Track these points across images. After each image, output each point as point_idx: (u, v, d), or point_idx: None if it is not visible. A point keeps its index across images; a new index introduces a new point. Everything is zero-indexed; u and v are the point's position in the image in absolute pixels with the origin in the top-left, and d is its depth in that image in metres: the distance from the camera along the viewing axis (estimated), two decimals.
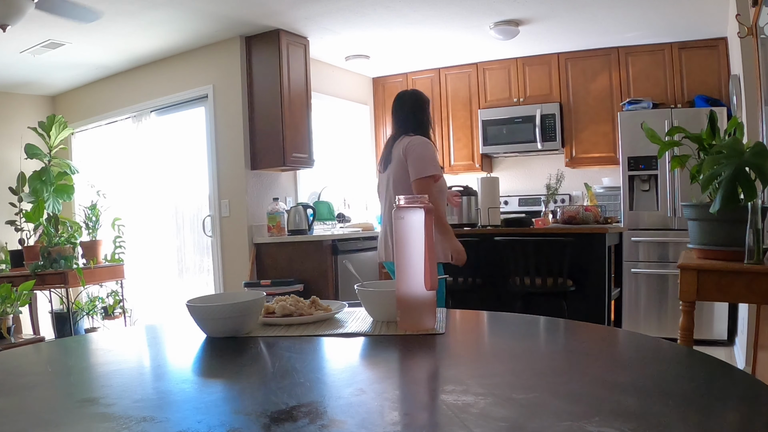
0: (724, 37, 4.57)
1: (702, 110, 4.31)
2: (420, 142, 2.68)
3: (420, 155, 2.64)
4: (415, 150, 2.65)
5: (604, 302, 3.48)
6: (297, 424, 0.63)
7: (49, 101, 5.86)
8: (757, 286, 1.87)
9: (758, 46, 2.82)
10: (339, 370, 0.95)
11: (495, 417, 0.65)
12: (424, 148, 2.67)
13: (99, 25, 3.99)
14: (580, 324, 1.25)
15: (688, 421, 0.62)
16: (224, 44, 4.57)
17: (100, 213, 4.77)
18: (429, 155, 2.65)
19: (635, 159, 4.56)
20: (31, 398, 0.78)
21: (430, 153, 2.67)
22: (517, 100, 5.35)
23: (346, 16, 4.19)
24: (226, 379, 0.85)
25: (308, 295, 1.40)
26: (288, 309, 1.23)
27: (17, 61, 4.66)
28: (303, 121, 4.56)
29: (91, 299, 5.13)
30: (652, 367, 0.89)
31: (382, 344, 1.05)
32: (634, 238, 4.55)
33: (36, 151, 4.85)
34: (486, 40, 4.76)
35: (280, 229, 4.36)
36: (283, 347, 1.04)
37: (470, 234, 3.72)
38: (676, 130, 2.16)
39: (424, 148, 2.67)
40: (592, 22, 4.44)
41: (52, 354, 1.16)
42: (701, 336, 4.12)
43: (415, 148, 2.66)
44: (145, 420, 0.70)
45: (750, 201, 1.81)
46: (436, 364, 0.98)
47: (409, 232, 1.11)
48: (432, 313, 1.13)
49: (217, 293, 2.75)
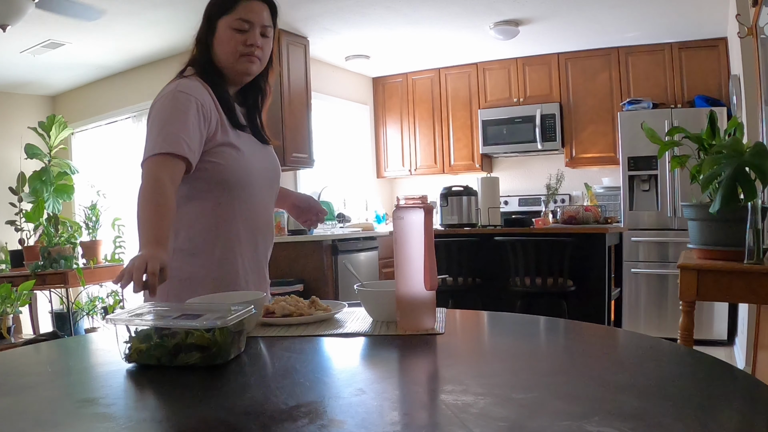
0: (724, 37, 4.57)
1: (702, 110, 4.31)
2: (163, 94, 1.41)
3: (152, 121, 1.38)
4: (152, 109, 1.40)
5: (604, 302, 3.48)
6: (297, 424, 0.63)
7: (49, 101, 5.86)
8: (757, 286, 1.87)
9: (758, 46, 2.82)
10: (339, 370, 0.95)
11: (495, 417, 0.65)
12: (161, 104, 1.38)
13: (99, 25, 3.99)
14: (580, 324, 1.25)
15: (688, 421, 0.62)
16: None
17: (100, 213, 4.77)
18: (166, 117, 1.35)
19: (635, 159, 4.56)
20: (31, 398, 0.78)
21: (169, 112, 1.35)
22: (517, 100, 5.35)
23: (346, 16, 4.19)
24: (225, 379, 0.85)
25: (308, 295, 1.40)
26: (288, 309, 1.23)
27: (17, 61, 4.66)
28: (303, 121, 4.56)
29: (91, 299, 5.13)
30: (652, 367, 0.89)
31: (382, 344, 1.05)
32: (634, 238, 4.55)
33: (36, 151, 4.84)
34: (486, 40, 4.76)
35: (280, 229, 4.35)
36: (283, 347, 1.04)
37: (470, 234, 3.73)
38: (676, 130, 2.16)
39: (161, 104, 1.38)
40: (592, 22, 4.44)
41: (52, 354, 1.16)
42: (701, 336, 4.12)
43: (153, 107, 1.40)
44: (145, 420, 0.70)
45: (750, 201, 1.81)
46: (436, 364, 0.98)
47: (409, 232, 1.11)
48: (432, 313, 1.13)
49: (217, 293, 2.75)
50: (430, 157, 5.79)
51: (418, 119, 5.83)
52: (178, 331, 0.90)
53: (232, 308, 0.96)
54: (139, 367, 0.91)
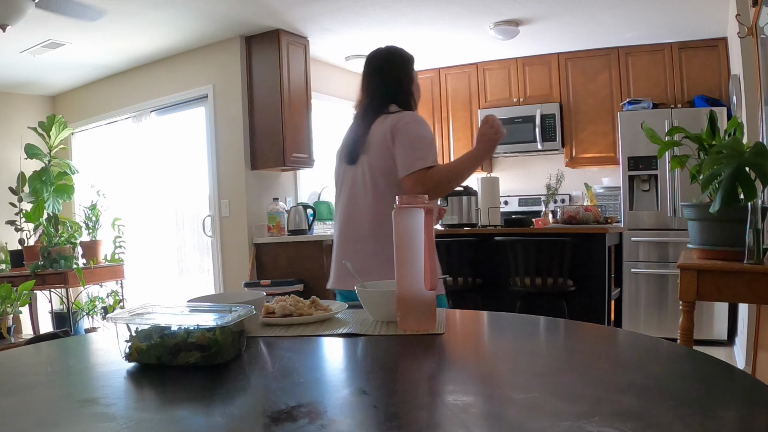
0: (724, 37, 4.57)
1: (702, 110, 4.31)
2: (413, 119, 1.89)
3: (412, 139, 1.84)
4: (408, 131, 1.85)
5: (604, 302, 3.48)
6: (297, 424, 0.63)
7: (49, 101, 5.86)
8: (757, 286, 1.87)
9: (758, 46, 2.82)
10: (339, 370, 0.95)
11: (495, 417, 0.65)
12: (419, 129, 1.87)
13: (99, 25, 3.99)
14: (580, 324, 1.25)
15: (688, 421, 0.62)
16: (224, 44, 4.57)
17: (100, 213, 4.77)
18: (426, 138, 1.87)
19: (635, 159, 4.56)
20: (31, 398, 0.78)
21: (426, 134, 1.88)
22: (517, 100, 5.35)
23: (346, 16, 4.19)
24: (225, 379, 0.85)
25: (308, 295, 1.40)
26: (288, 309, 1.23)
27: (17, 61, 4.66)
28: (303, 121, 4.56)
29: (91, 299, 5.13)
30: (652, 367, 0.89)
31: (382, 344, 1.05)
32: (634, 238, 4.55)
33: (36, 151, 4.85)
34: (486, 40, 4.76)
35: (280, 229, 4.36)
36: (283, 347, 1.04)
37: (470, 234, 3.72)
38: (676, 130, 2.16)
39: (419, 129, 1.87)
40: (592, 22, 4.44)
41: (52, 354, 1.16)
42: (701, 336, 4.12)
43: (407, 129, 1.85)
44: (145, 420, 0.70)
45: (750, 201, 1.81)
46: (436, 364, 0.98)
47: (409, 232, 1.11)
48: (432, 313, 1.13)
49: (217, 293, 2.74)
50: None
51: None
52: (179, 330, 0.90)
53: (232, 308, 0.96)
54: (139, 367, 0.91)
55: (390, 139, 1.86)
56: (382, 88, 1.98)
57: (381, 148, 1.88)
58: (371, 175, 1.90)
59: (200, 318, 0.94)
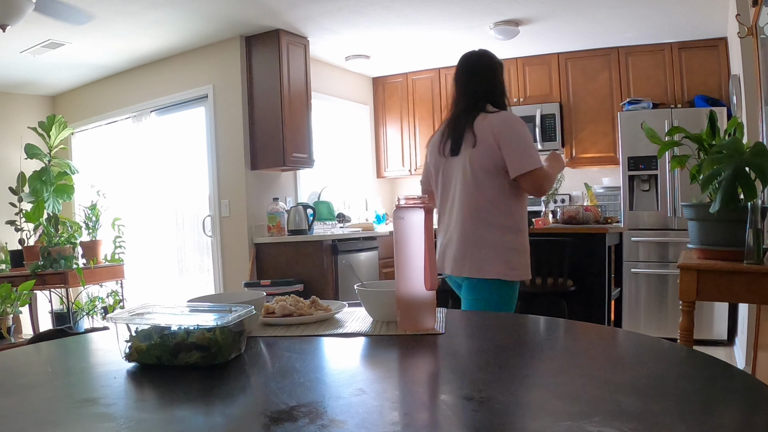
0: (724, 37, 4.57)
1: (702, 110, 4.31)
2: (514, 121, 2.08)
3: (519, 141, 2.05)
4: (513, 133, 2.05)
5: (604, 302, 3.48)
6: (297, 424, 0.63)
7: (49, 101, 5.86)
8: (757, 286, 1.87)
9: (758, 46, 2.82)
10: (339, 370, 0.95)
11: (495, 417, 0.65)
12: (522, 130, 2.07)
13: (99, 25, 3.99)
14: (580, 324, 1.25)
15: (688, 421, 0.62)
16: (224, 44, 4.57)
17: (100, 213, 4.77)
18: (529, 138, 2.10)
19: (635, 159, 4.56)
20: (31, 398, 0.78)
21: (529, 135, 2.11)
22: (517, 100, 5.35)
23: (346, 16, 4.19)
24: (225, 379, 0.85)
25: (308, 295, 1.40)
26: (288, 309, 1.23)
27: (17, 61, 4.66)
28: (303, 121, 4.56)
29: (91, 299, 5.13)
30: (652, 367, 0.89)
31: (382, 344, 1.05)
32: (634, 238, 4.55)
33: (36, 151, 4.85)
34: (486, 40, 4.76)
35: (280, 229, 4.35)
36: (283, 347, 1.04)
37: None
38: (676, 130, 2.16)
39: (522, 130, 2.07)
40: (592, 22, 4.44)
41: (52, 354, 1.16)
42: (701, 336, 4.12)
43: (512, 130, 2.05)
44: (145, 420, 0.70)
45: (750, 201, 1.81)
46: (436, 364, 0.98)
47: (409, 232, 1.11)
48: (432, 313, 1.13)
49: (217, 293, 2.74)
50: None
51: (418, 119, 5.84)
52: (179, 330, 0.90)
53: (232, 308, 0.96)
54: (139, 367, 0.91)
55: (493, 138, 2.05)
56: (481, 89, 2.16)
57: (483, 144, 2.07)
58: (471, 166, 2.09)
59: (200, 318, 0.94)
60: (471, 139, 2.08)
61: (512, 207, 2.15)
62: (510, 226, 2.14)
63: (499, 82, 2.20)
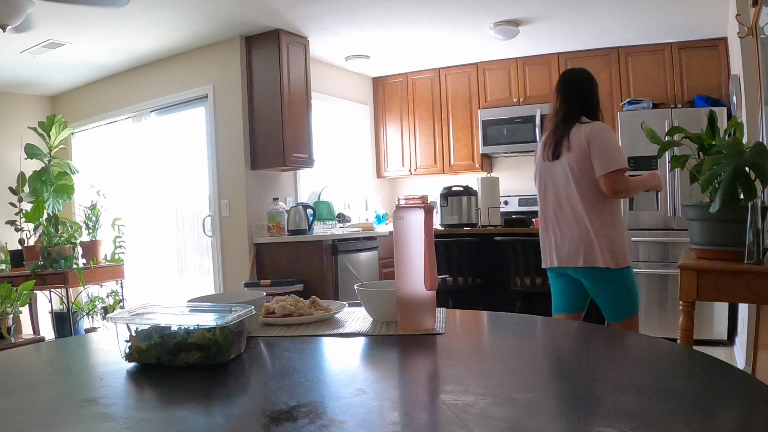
0: (724, 37, 4.57)
1: (702, 110, 4.31)
2: (603, 129, 2.41)
3: (605, 145, 2.37)
4: (600, 138, 2.37)
5: None
6: (297, 424, 0.63)
7: (49, 101, 5.86)
8: (757, 286, 1.87)
9: (758, 46, 2.82)
10: (339, 370, 0.95)
11: (495, 417, 0.65)
12: (609, 137, 2.41)
13: (99, 25, 3.99)
14: (580, 324, 1.25)
15: (688, 421, 0.62)
16: (224, 44, 4.57)
17: (100, 213, 4.77)
18: (615, 144, 2.43)
19: (635, 159, 4.55)
20: (31, 398, 0.78)
21: (615, 142, 2.45)
22: (517, 100, 5.35)
23: (346, 16, 4.19)
24: (225, 379, 0.85)
25: (308, 295, 1.40)
26: (288, 309, 1.23)
27: (17, 61, 4.66)
28: (303, 121, 4.56)
29: (91, 299, 5.13)
30: (652, 367, 0.89)
31: (382, 344, 1.05)
32: (635, 238, 4.55)
33: (36, 151, 4.85)
34: (486, 40, 4.76)
35: (280, 229, 4.36)
36: (283, 347, 1.04)
37: (470, 234, 3.73)
38: (676, 130, 2.16)
39: (609, 137, 2.41)
40: (592, 22, 4.44)
41: (52, 354, 1.16)
42: (701, 336, 4.12)
43: (600, 136, 2.38)
44: (144, 420, 0.70)
45: (750, 201, 1.81)
46: (436, 364, 0.98)
47: (409, 232, 1.11)
48: (432, 313, 1.13)
49: (217, 293, 2.74)
50: (430, 157, 5.79)
51: (418, 119, 5.84)
52: (179, 330, 0.90)
53: (232, 308, 0.96)
54: (139, 367, 0.91)
55: (586, 145, 2.38)
56: (580, 102, 2.49)
57: (578, 150, 2.40)
58: (570, 169, 2.43)
59: (200, 318, 0.94)
60: (567, 144, 2.44)
61: (606, 203, 2.41)
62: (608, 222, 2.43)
63: (597, 98, 2.55)
